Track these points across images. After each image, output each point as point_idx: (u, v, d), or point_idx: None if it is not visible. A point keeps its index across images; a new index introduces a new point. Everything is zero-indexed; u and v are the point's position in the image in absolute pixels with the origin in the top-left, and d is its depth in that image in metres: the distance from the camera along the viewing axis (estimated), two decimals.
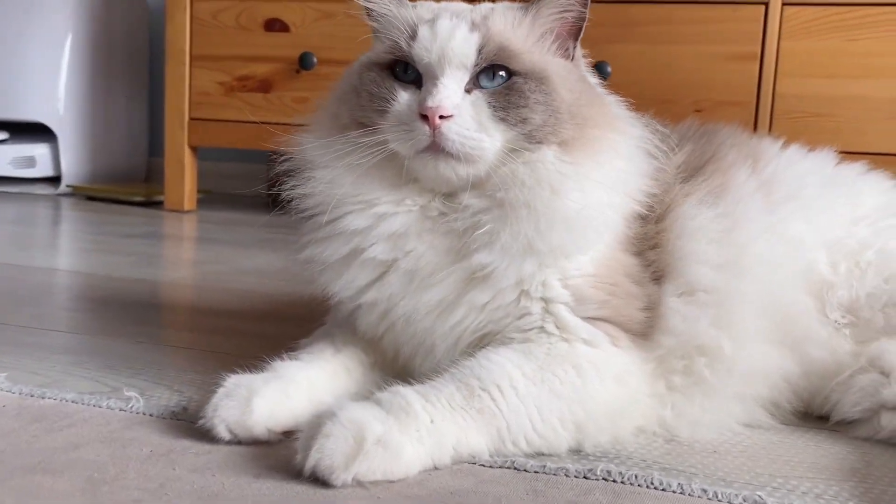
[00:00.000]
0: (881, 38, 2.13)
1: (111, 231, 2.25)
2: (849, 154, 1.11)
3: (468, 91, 0.83)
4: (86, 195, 2.99)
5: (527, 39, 0.87)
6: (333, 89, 0.96)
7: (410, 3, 0.91)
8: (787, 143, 1.07)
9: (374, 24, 0.92)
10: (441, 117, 0.81)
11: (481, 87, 0.84)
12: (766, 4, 2.19)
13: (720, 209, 0.91)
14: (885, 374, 0.90)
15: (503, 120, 0.83)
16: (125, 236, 2.17)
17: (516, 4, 0.90)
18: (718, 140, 1.02)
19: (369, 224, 0.86)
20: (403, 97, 0.85)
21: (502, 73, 0.84)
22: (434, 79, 0.83)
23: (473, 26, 0.85)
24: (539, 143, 0.83)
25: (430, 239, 0.86)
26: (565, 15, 0.88)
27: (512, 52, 0.85)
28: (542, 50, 0.87)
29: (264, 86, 2.61)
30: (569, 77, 0.87)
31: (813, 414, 0.95)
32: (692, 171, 0.97)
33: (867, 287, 0.94)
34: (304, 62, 2.53)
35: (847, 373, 0.92)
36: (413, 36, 0.85)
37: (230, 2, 2.63)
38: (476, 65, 0.84)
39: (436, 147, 0.82)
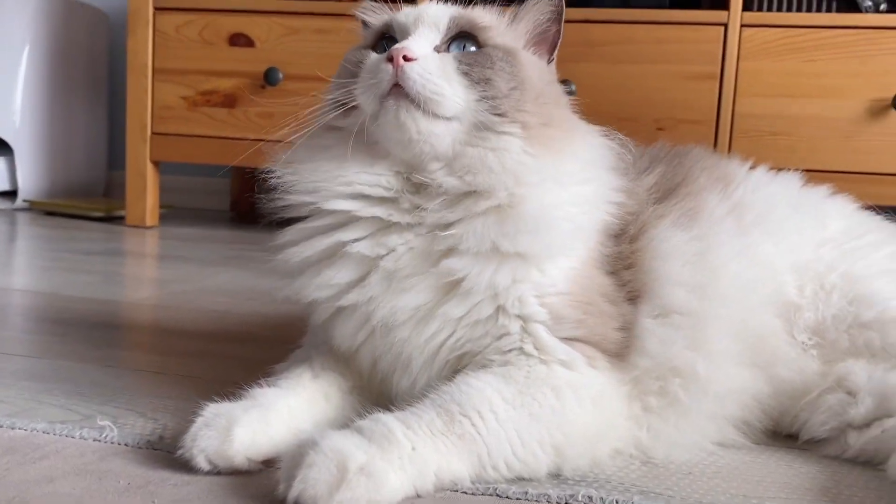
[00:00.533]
0: (836, 59, 2.21)
1: (71, 248, 2.21)
2: (805, 172, 1.14)
3: (437, 51, 0.88)
4: (43, 210, 2.93)
5: (501, 28, 0.92)
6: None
7: None
8: (754, 165, 1.10)
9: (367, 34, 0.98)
10: (406, 59, 0.84)
11: (450, 53, 0.88)
12: (726, 26, 2.25)
13: (694, 232, 0.93)
14: (852, 393, 0.92)
15: (466, 74, 0.85)
16: (86, 253, 2.13)
17: (496, 9, 0.95)
18: (689, 163, 1.04)
19: (350, 208, 0.87)
20: (374, 56, 0.90)
21: (473, 47, 0.89)
22: (406, 35, 0.88)
23: (451, 7, 0.92)
24: (502, 115, 0.85)
25: (408, 238, 0.86)
26: (540, 24, 0.94)
27: (483, 27, 0.90)
28: (515, 40, 0.92)
29: (229, 101, 2.60)
30: (538, 69, 0.91)
31: (782, 433, 0.97)
32: (665, 193, 0.99)
33: (832, 309, 0.96)
34: (269, 77, 2.53)
35: (815, 392, 0.95)
36: (397, 11, 0.93)
37: (194, 15, 2.61)
38: (448, 29, 0.89)
39: (398, 91, 0.84)
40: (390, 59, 0.84)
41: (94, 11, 3.30)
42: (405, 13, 0.92)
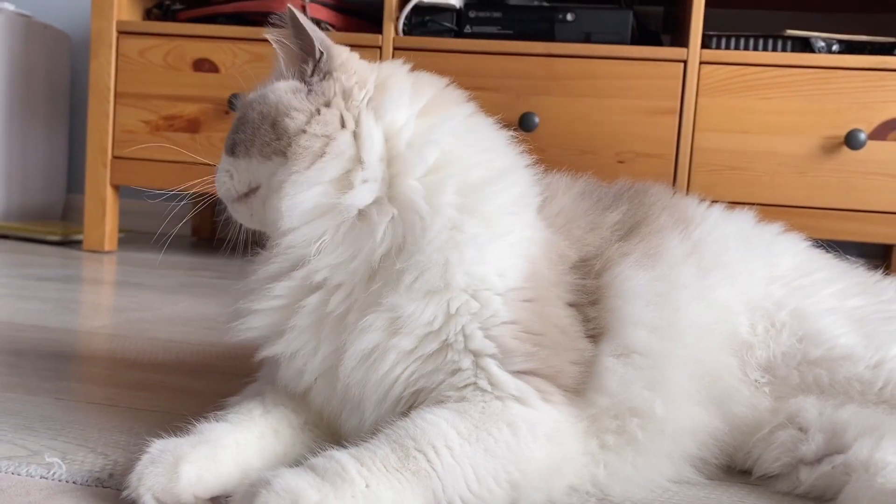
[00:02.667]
0: (790, 97, 2.27)
1: (25, 273, 2.16)
2: (762, 206, 1.17)
3: None
4: None
5: (264, 81, 0.98)
6: None
7: None
8: (711, 203, 1.12)
9: None
10: None
11: None
12: (685, 63, 2.30)
13: (656, 272, 0.94)
14: (803, 430, 0.94)
15: (229, 154, 0.95)
16: (41, 279, 2.09)
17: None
18: (650, 201, 1.06)
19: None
20: None
21: None
22: None
23: None
24: (263, 157, 0.90)
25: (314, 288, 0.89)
26: (285, 45, 0.96)
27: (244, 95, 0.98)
28: (265, 83, 0.97)
29: (192, 126, 2.58)
30: (267, 95, 0.93)
31: (736, 468, 0.99)
32: (627, 230, 1.00)
33: (782, 346, 0.98)
34: (233, 103, 2.52)
35: (767, 429, 0.96)
36: None
37: (158, 40, 2.59)
38: None
39: None
40: None
41: (56, 32, 3.26)
42: None
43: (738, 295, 1.00)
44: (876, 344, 0.97)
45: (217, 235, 3.27)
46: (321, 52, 0.93)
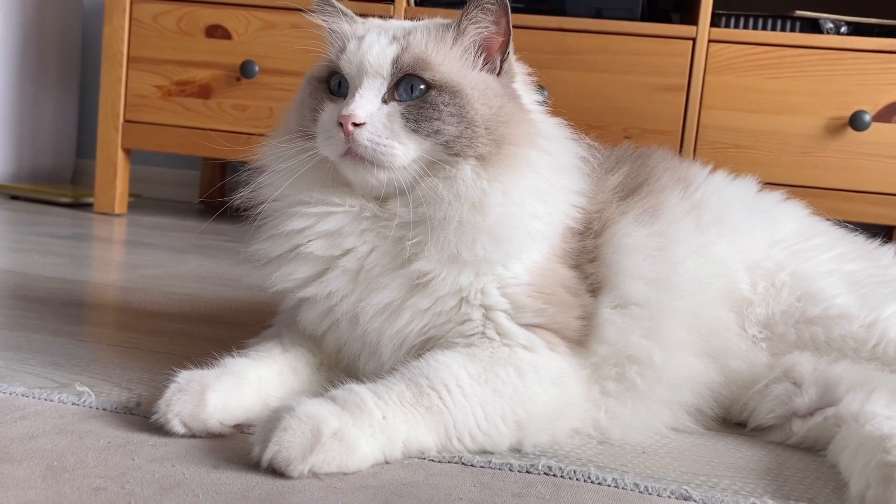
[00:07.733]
0: (797, 77, 2.29)
1: (39, 231, 2.20)
2: (766, 185, 1.20)
3: (385, 101, 0.89)
4: (9, 194, 2.90)
5: (446, 53, 0.92)
6: (291, 101, 1.01)
7: (359, 20, 0.97)
8: (713, 169, 1.16)
9: (328, 39, 0.99)
10: (355, 125, 0.87)
11: (399, 99, 0.89)
12: (694, 40, 2.32)
13: (654, 228, 0.98)
14: (797, 384, 0.98)
15: (415, 131, 0.88)
16: (55, 237, 2.13)
17: (442, 21, 0.95)
18: (652, 163, 1.10)
19: (306, 224, 0.92)
20: (329, 107, 0.92)
21: (421, 85, 0.89)
22: (354, 89, 0.90)
23: (394, 39, 0.91)
24: (457, 155, 0.89)
25: (372, 239, 0.90)
26: (486, 30, 0.93)
27: (428, 63, 0.90)
28: (462, 64, 0.92)
29: (204, 91, 2.61)
30: (487, 92, 0.91)
31: (732, 420, 1.03)
32: (629, 192, 1.04)
33: (781, 305, 1.02)
34: (245, 70, 2.54)
35: (763, 382, 1.00)
36: (343, 49, 0.93)
37: (172, 5, 2.61)
38: (392, 75, 0.90)
39: (352, 152, 0.88)
40: (341, 124, 0.87)
41: None
42: (348, 59, 0.91)
43: (738, 253, 1.04)
44: (871, 305, 1.01)
45: (225, 201, 3.30)
46: (508, 53, 0.94)
